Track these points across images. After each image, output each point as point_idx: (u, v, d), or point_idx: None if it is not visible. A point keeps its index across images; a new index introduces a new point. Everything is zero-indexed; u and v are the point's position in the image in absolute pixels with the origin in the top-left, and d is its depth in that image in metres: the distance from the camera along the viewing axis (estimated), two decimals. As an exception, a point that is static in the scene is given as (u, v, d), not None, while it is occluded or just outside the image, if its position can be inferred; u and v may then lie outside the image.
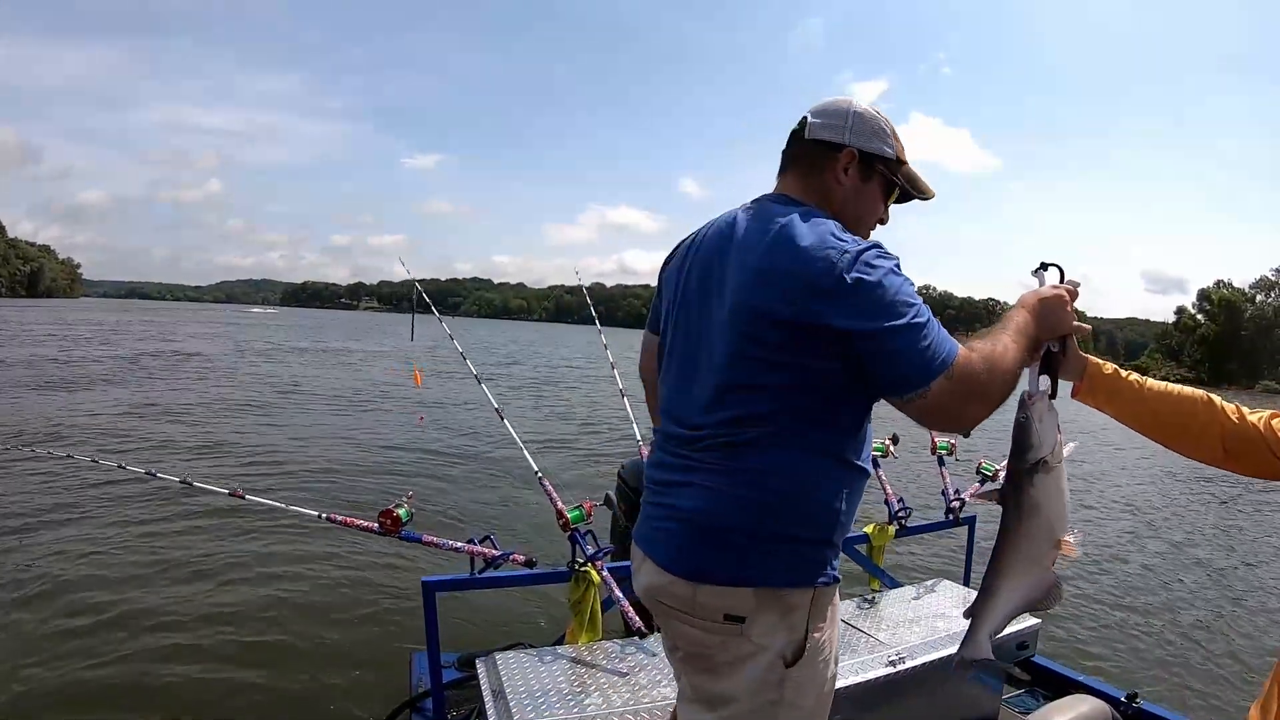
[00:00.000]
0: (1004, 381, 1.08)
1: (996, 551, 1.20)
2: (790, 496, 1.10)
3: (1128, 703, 2.28)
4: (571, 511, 2.24)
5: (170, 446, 7.85)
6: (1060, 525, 1.18)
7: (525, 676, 1.79)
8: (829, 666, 1.19)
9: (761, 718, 1.13)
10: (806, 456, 1.10)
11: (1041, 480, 1.17)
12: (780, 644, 1.10)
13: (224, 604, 3.82)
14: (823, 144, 1.20)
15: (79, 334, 26.84)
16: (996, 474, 3.13)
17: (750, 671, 1.11)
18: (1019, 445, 1.18)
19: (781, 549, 1.10)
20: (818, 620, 1.14)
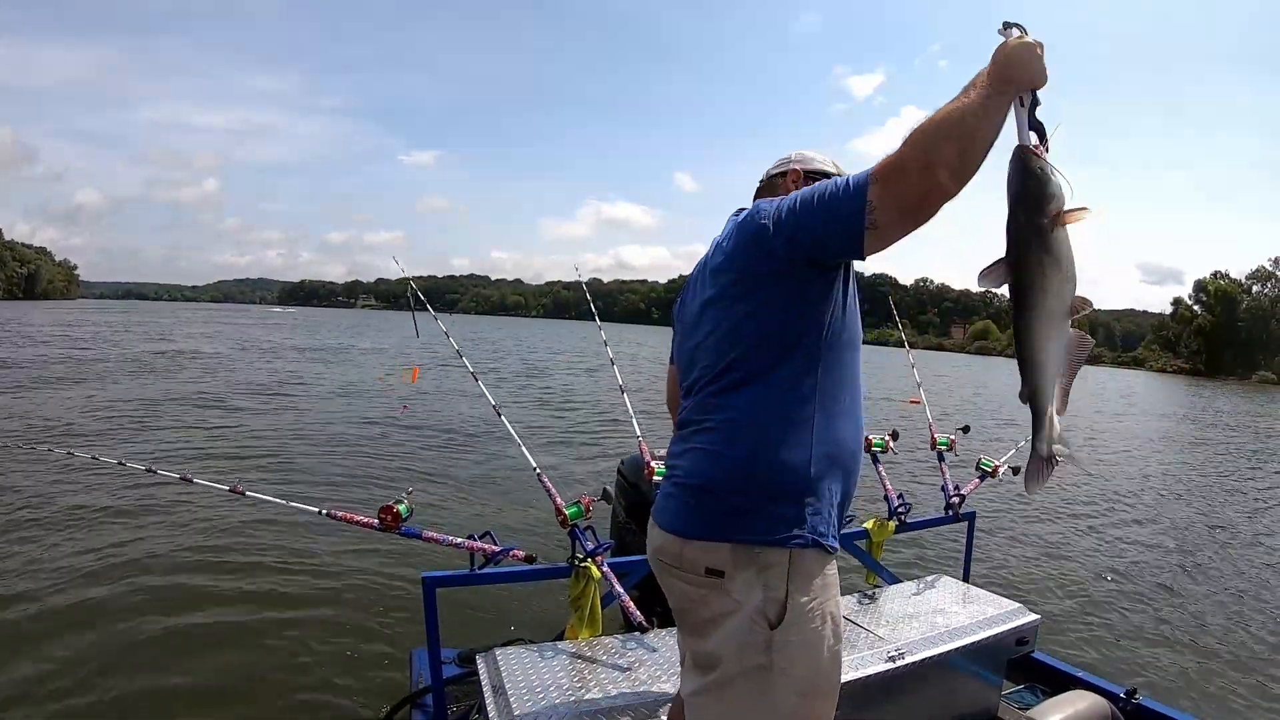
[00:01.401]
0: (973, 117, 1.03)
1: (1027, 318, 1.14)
2: (756, 451, 1.18)
3: (1127, 699, 2.29)
4: (570, 508, 2.24)
5: (171, 443, 7.85)
6: (1075, 279, 1.13)
7: (525, 672, 1.79)
8: (824, 641, 1.17)
9: (754, 684, 1.14)
10: (775, 406, 1.19)
11: (1061, 234, 1.11)
12: (757, 601, 1.14)
13: (223, 600, 3.82)
14: (775, 177, 1.49)
15: (80, 335, 26.82)
16: (996, 469, 3.14)
17: (732, 628, 1.15)
18: (1038, 196, 1.09)
19: (754, 505, 1.16)
20: (801, 585, 1.15)
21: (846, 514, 1.35)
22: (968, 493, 3.02)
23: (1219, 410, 23.41)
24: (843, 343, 1.24)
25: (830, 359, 1.21)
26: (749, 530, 1.15)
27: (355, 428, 9.53)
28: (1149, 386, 39.49)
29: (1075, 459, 1.23)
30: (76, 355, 17.61)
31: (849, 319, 1.26)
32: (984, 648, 2.18)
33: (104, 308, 71.73)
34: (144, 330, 31.59)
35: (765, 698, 1.14)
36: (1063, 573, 5.29)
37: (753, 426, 1.19)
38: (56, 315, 43.13)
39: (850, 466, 1.25)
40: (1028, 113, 1.13)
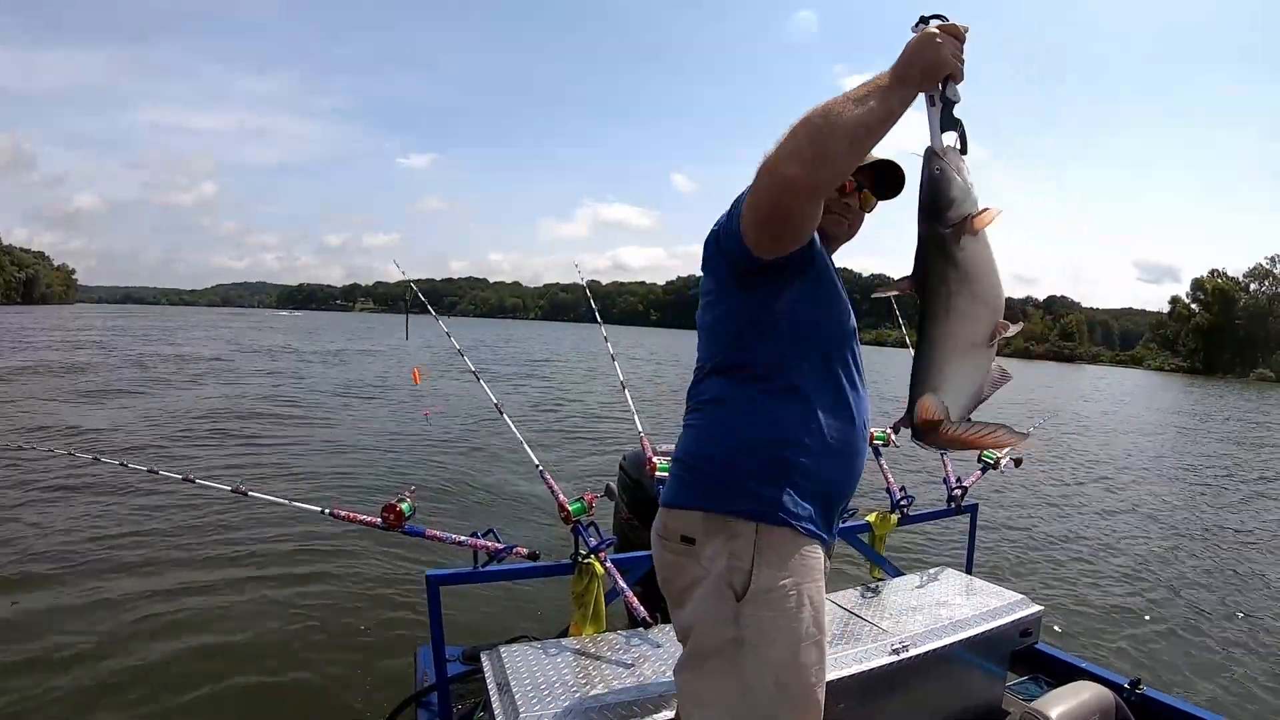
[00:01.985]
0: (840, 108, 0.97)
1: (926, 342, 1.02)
2: (726, 424, 1.23)
3: (1131, 689, 2.29)
4: (573, 504, 2.24)
5: (174, 444, 7.85)
6: (1000, 296, 1.01)
7: (530, 669, 1.79)
8: (800, 624, 1.16)
9: (728, 661, 1.15)
10: (743, 387, 1.23)
11: (970, 244, 0.99)
12: (721, 569, 1.16)
13: (227, 600, 3.83)
14: None
15: (80, 339, 26.82)
16: (998, 461, 3.14)
17: (701, 596, 1.18)
18: (938, 202, 1.00)
19: (723, 475, 1.19)
20: (768, 560, 1.16)
21: (846, 507, 1.35)
22: (970, 485, 3.02)
23: (1217, 408, 23.40)
24: (819, 335, 1.24)
25: (802, 351, 1.23)
26: (719, 499, 1.19)
27: (358, 428, 9.54)
28: (1147, 385, 39.48)
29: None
30: (78, 359, 17.62)
31: (824, 310, 1.25)
32: (988, 640, 2.18)
33: (104, 312, 71.75)
34: (146, 334, 31.59)
35: (740, 676, 1.14)
36: (1066, 564, 5.30)
37: (729, 407, 1.24)
38: (56, 319, 43.13)
39: (838, 457, 1.24)
40: (940, 111, 1.05)
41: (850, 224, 1.37)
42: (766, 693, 1.14)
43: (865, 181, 1.33)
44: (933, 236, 1.00)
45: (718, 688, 1.16)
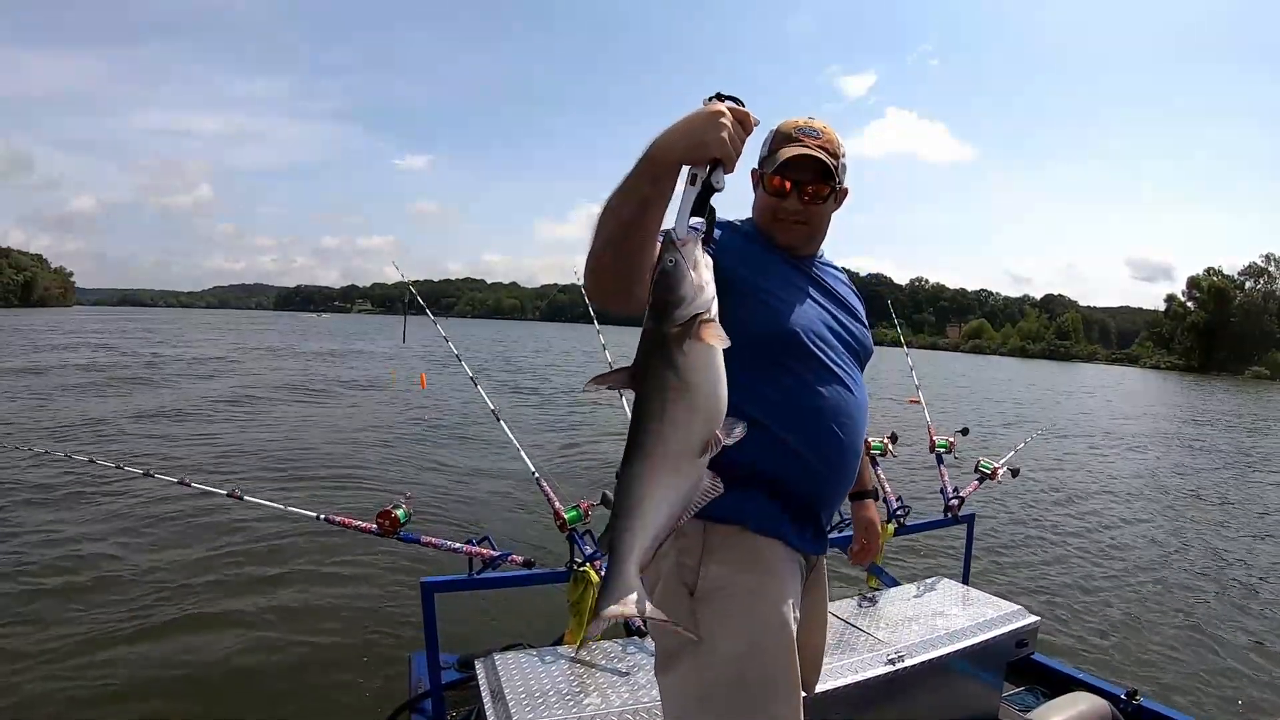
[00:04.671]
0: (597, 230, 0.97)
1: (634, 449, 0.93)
2: None
3: (1127, 700, 2.29)
4: (569, 512, 2.24)
5: (170, 447, 7.83)
6: (719, 409, 0.92)
7: (524, 677, 1.79)
8: (757, 623, 1.14)
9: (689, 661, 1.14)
10: None
11: (694, 348, 0.89)
12: (671, 565, 1.17)
13: (221, 606, 3.81)
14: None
15: (82, 341, 26.77)
16: (995, 471, 3.14)
17: (660, 598, 1.16)
18: (662, 300, 0.90)
19: None
20: (718, 558, 1.16)
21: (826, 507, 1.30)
22: (967, 495, 3.02)
23: (1212, 407, 23.44)
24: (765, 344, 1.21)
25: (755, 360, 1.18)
26: None
27: (354, 432, 9.52)
28: (1143, 383, 39.59)
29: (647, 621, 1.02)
30: (82, 361, 17.58)
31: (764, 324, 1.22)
32: (984, 650, 2.17)
33: (102, 314, 71.57)
34: (145, 336, 31.53)
35: (699, 674, 1.13)
36: (1062, 574, 5.29)
37: None
38: (54, 322, 43.06)
39: (794, 457, 1.20)
40: (697, 195, 0.96)
41: (807, 223, 1.33)
42: (722, 691, 1.12)
43: (804, 175, 1.30)
44: (656, 334, 0.91)
45: (679, 686, 1.16)
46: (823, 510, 1.30)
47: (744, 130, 0.96)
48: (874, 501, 1.68)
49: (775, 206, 1.32)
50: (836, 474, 1.28)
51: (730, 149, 0.94)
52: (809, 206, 1.32)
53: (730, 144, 0.94)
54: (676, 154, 0.94)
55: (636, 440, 0.93)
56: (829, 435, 1.24)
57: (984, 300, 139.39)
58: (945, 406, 16.92)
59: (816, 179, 1.30)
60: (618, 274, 1.00)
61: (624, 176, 0.96)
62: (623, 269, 0.99)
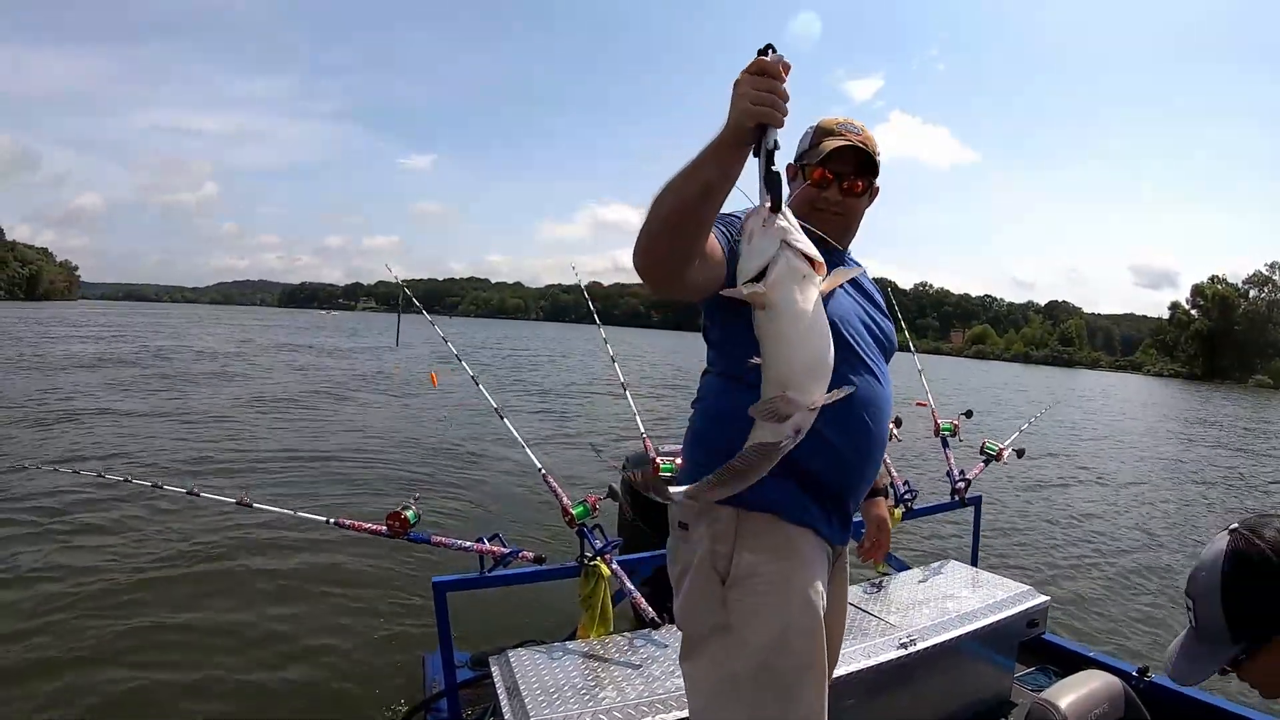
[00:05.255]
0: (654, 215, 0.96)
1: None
2: (704, 415, 1.32)
3: (1139, 677, 2.29)
4: (576, 507, 2.24)
5: (177, 453, 7.84)
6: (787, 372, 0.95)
7: (539, 673, 1.80)
8: (787, 611, 1.15)
9: (717, 647, 1.16)
10: (716, 382, 1.31)
11: (759, 317, 0.95)
12: (704, 551, 1.18)
13: (235, 612, 3.83)
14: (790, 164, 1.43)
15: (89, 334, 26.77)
16: (1001, 453, 3.14)
17: (691, 581, 1.20)
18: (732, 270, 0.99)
19: (707, 462, 1.17)
20: (750, 545, 1.17)
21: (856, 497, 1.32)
22: (973, 477, 3.03)
23: (1214, 409, 23.36)
24: None
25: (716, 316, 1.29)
26: None
27: (359, 435, 9.53)
28: (1145, 389, 39.47)
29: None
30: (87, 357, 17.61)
31: None
32: (995, 631, 2.18)
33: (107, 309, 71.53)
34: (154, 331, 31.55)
35: (726, 661, 1.14)
36: (1070, 554, 5.29)
37: (712, 401, 1.31)
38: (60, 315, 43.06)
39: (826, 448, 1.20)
40: (763, 163, 0.95)
41: (844, 214, 1.35)
42: (750, 678, 1.13)
43: (845, 168, 1.32)
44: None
45: (707, 673, 1.17)
46: (850, 500, 1.31)
47: (772, 79, 0.92)
48: (885, 499, 1.69)
49: (815, 197, 1.34)
50: (866, 464, 1.30)
51: (760, 109, 0.91)
52: (847, 199, 1.35)
53: (758, 104, 0.91)
54: (727, 140, 0.93)
55: None
56: (860, 426, 1.26)
57: (987, 306, 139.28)
58: (951, 409, 16.89)
59: (856, 172, 1.34)
60: (672, 255, 0.99)
61: (684, 171, 0.95)
62: (676, 252, 0.99)
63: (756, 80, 0.91)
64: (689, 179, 0.94)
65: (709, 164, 0.93)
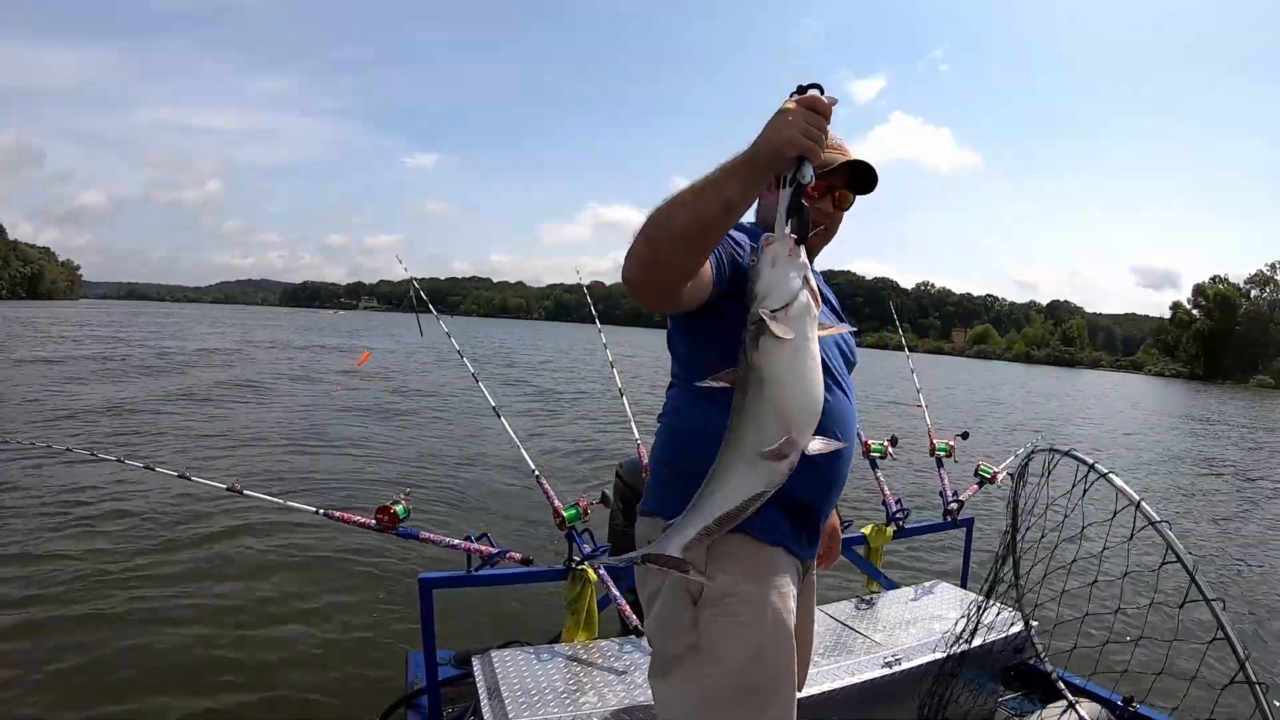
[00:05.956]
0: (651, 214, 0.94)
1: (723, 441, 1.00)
2: (673, 431, 1.29)
3: (1124, 706, 2.28)
4: (568, 510, 2.24)
5: (171, 441, 7.84)
6: (796, 410, 0.94)
7: (521, 674, 1.79)
8: (760, 630, 1.15)
9: (689, 668, 1.15)
10: (684, 396, 1.28)
11: (769, 345, 0.92)
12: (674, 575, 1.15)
13: (219, 600, 3.81)
14: None
15: (89, 335, 26.83)
16: (995, 475, 3.14)
17: (662, 603, 1.19)
18: (748, 292, 0.96)
19: (673, 481, 1.20)
20: (724, 566, 1.16)
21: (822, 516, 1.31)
22: (966, 499, 3.02)
23: (1217, 415, 23.41)
24: None
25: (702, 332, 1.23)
26: (672, 505, 1.14)
27: (353, 428, 9.53)
28: (1147, 390, 39.48)
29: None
30: (89, 354, 17.63)
31: None
32: (981, 655, 2.17)
33: (109, 308, 71.67)
34: (154, 330, 31.62)
35: (699, 682, 1.14)
36: (1060, 580, 5.28)
37: (682, 417, 1.28)
38: (62, 315, 43.14)
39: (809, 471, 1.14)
40: (790, 194, 0.97)
41: (827, 228, 1.35)
42: (724, 697, 1.13)
43: (838, 180, 1.32)
44: (746, 327, 0.95)
45: (680, 694, 1.16)
46: (821, 517, 1.31)
47: (820, 116, 0.94)
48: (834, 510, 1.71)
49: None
50: (836, 482, 1.30)
51: (807, 142, 0.92)
52: (837, 211, 1.35)
53: (807, 136, 0.92)
54: (764, 165, 0.94)
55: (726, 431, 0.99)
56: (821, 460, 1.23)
57: (989, 305, 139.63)
58: (948, 412, 16.90)
59: (850, 186, 1.34)
60: (676, 270, 0.98)
61: (703, 177, 0.94)
62: (680, 266, 0.98)
63: (810, 115, 0.93)
64: (710, 194, 0.93)
65: (736, 181, 0.93)
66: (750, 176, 0.93)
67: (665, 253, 0.95)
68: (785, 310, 0.93)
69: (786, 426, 0.94)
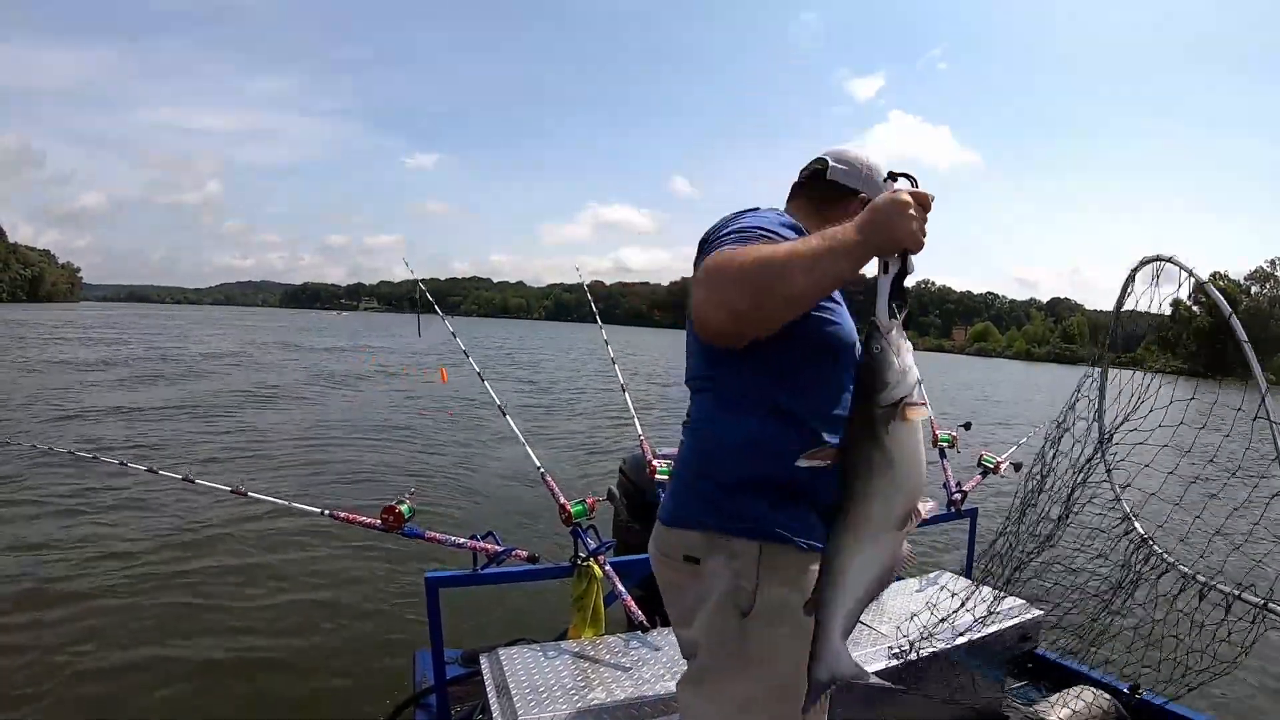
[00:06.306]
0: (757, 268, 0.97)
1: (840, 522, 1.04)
2: (717, 444, 1.21)
3: (1131, 694, 2.29)
4: (574, 506, 2.24)
5: (175, 443, 7.85)
6: (919, 485, 1.02)
7: (529, 672, 1.79)
8: (806, 636, 1.15)
9: (731, 675, 1.16)
10: (729, 408, 1.21)
11: (899, 428, 0.99)
12: (725, 586, 1.15)
13: (227, 602, 3.83)
14: (839, 186, 1.36)
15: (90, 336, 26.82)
16: (998, 466, 3.14)
17: (707, 615, 1.17)
18: (871, 383, 1.01)
19: (717, 495, 1.18)
20: (773, 578, 1.16)
21: None
22: (970, 489, 3.02)
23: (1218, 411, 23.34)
24: (810, 349, 1.19)
25: (792, 366, 1.19)
26: (719, 518, 1.17)
27: (357, 428, 9.54)
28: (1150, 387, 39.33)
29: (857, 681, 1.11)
30: (92, 356, 17.64)
31: (816, 325, 1.20)
32: (987, 644, 2.17)
33: (110, 310, 71.67)
34: (157, 332, 31.61)
35: (741, 687, 1.15)
36: (1065, 569, 5.28)
37: (721, 426, 1.21)
38: (63, 317, 43.15)
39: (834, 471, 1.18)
40: (891, 280, 1.03)
41: None
42: (767, 699, 1.15)
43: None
44: (864, 415, 1.01)
45: (719, 703, 1.17)
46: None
47: (925, 212, 1.01)
48: None
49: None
50: None
51: (920, 238, 1.00)
52: None
53: (922, 233, 1.00)
54: (873, 247, 0.99)
55: (843, 512, 1.03)
56: None
57: (990, 303, 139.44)
58: (949, 409, 16.89)
59: None
60: (770, 325, 1.02)
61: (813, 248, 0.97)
62: (777, 322, 1.01)
63: (923, 215, 1.00)
64: (826, 269, 0.97)
65: (850, 261, 0.99)
66: (864, 258, 1.00)
67: (770, 311, 0.99)
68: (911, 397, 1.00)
69: (912, 500, 1.01)
